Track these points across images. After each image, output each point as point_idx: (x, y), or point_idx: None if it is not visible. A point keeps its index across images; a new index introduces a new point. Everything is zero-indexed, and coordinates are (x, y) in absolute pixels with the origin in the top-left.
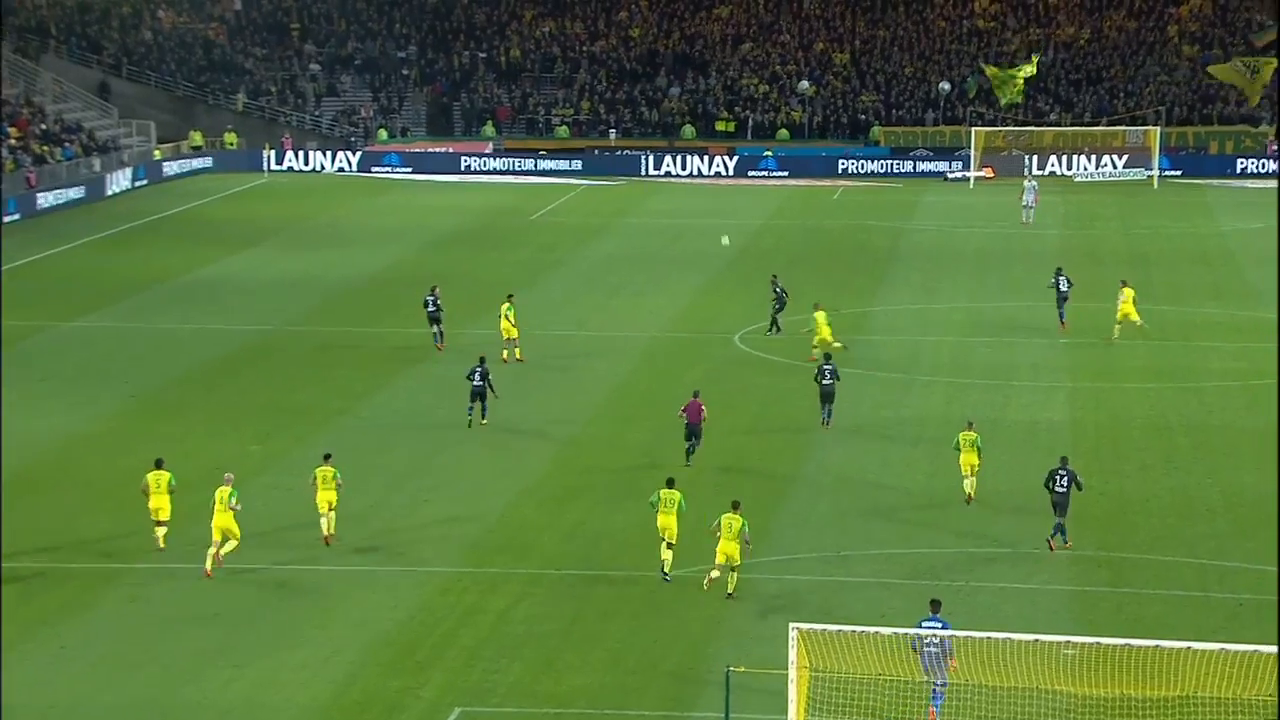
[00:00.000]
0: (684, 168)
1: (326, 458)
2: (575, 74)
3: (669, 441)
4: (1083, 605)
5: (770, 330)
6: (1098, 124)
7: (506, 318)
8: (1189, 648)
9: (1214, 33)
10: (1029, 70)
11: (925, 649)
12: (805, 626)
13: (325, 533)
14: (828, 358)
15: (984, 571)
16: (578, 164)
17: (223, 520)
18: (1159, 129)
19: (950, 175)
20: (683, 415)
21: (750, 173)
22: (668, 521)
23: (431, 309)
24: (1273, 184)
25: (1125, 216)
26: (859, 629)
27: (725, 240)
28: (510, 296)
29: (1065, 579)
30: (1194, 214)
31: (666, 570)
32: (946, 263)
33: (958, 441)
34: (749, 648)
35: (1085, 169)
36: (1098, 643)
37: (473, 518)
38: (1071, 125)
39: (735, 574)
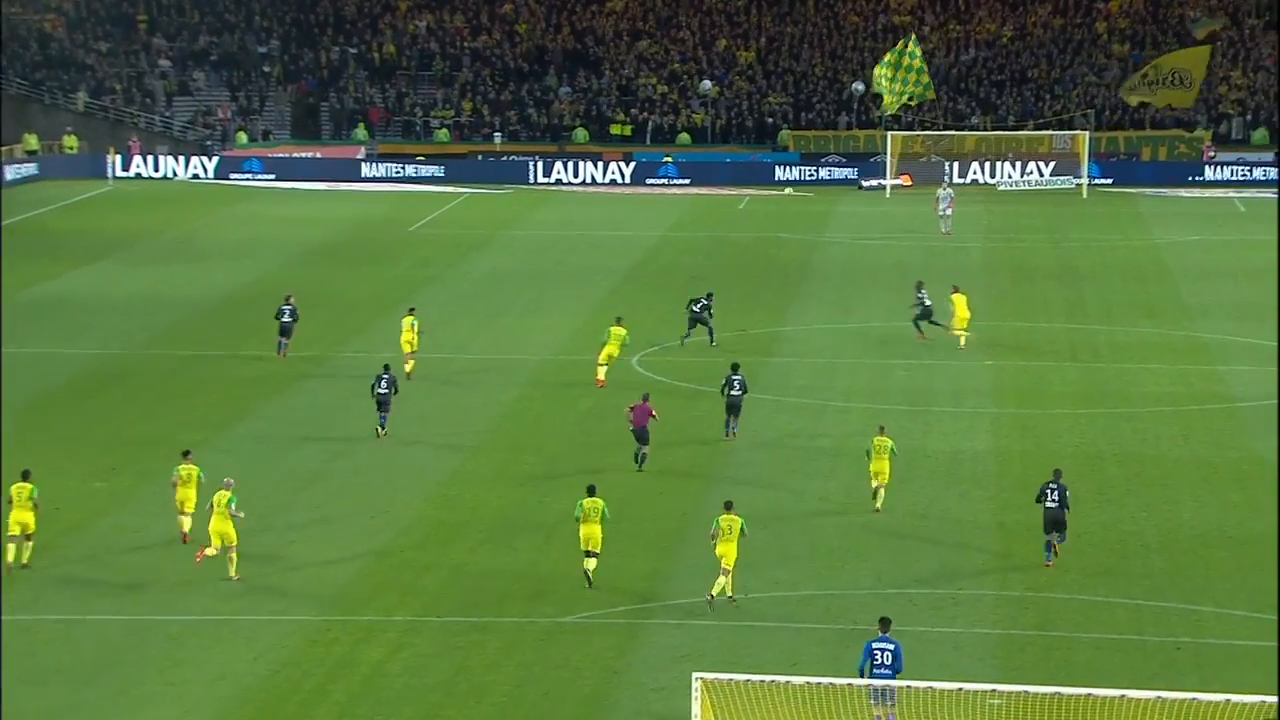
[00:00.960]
0: (576, 175)
1: (186, 454)
2: (456, 72)
3: (562, 473)
4: (1009, 650)
5: (706, 343)
6: (1023, 128)
7: (411, 329)
8: (1123, 696)
9: (1145, 30)
10: (909, 61)
11: (876, 672)
12: (709, 676)
13: (183, 530)
14: (735, 368)
15: (903, 614)
16: (459, 171)
17: (221, 525)
18: (1088, 134)
19: (865, 184)
20: (629, 416)
21: (649, 180)
22: (591, 531)
23: (287, 319)
24: (1210, 193)
25: (1053, 228)
26: (768, 679)
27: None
28: (412, 310)
29: (990, 622)
30: (1126, 226)
31: (591, 577)
32: (862, 278)
33: (870, 448)
34: (649, 700)
35: (1010, 177)
36: (1025, 691)
37: (344, 559)
38: (994, 129)
39: (731, 577)
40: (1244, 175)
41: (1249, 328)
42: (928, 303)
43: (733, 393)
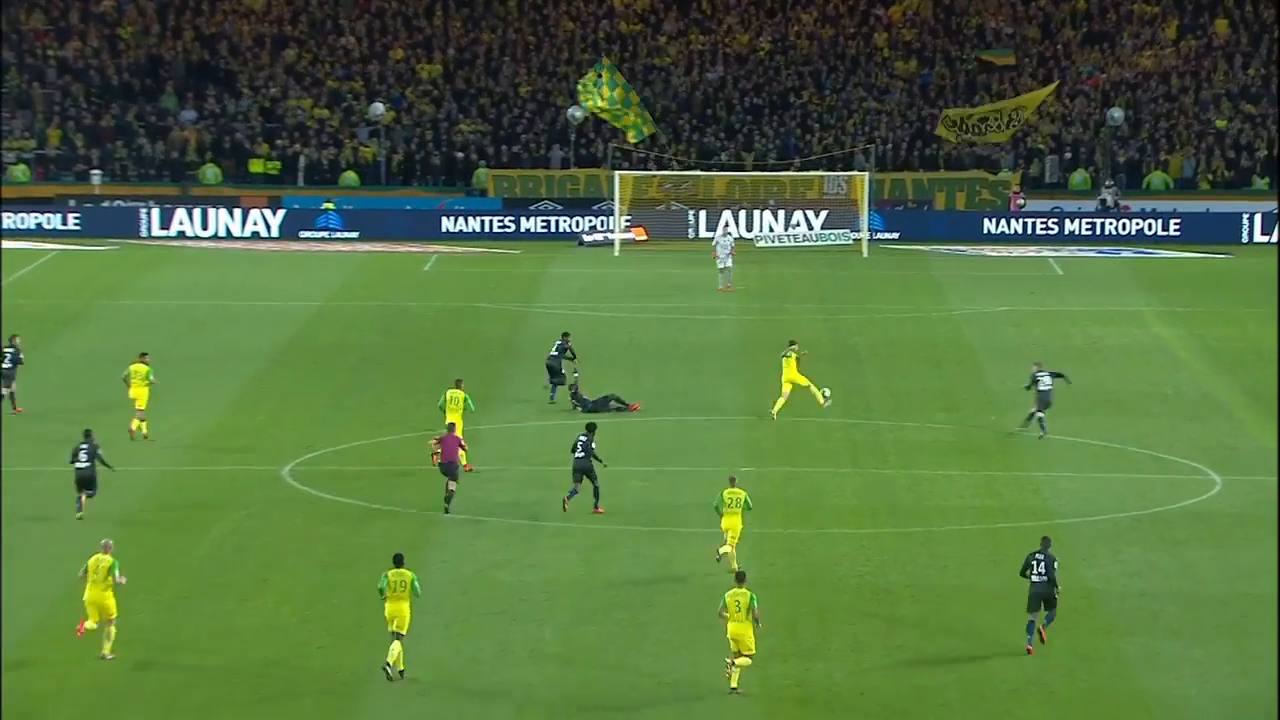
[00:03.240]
0: (205, 226)
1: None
2: (35, 89)
3: (182, 626)
4: None
5: (574, 406)
6: (786, 168)
7: (139, 379)
8: None
9: (936, 44)
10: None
11: None
12: None
13: None
14: (589, 428)
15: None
16: (46, 220)
17: (97, 595)
18: (868, 175)
19: (587, 238)
20: (435, 449)
21: (303, 233)
22: (398, 609)
23: (8, 364)
24: (1019, 251)
25: (826, 296)
26: None
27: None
28: (143, 355)
29: None
30: (917, 292)
31: (399, 668)
32: (583, 360)
33: (720, 501)
34: None
35: (770, 230)
36: None
37: None
38: (752, 170)
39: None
40: (1060, 229)
41: (1070, 423)
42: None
43: (578, 455)
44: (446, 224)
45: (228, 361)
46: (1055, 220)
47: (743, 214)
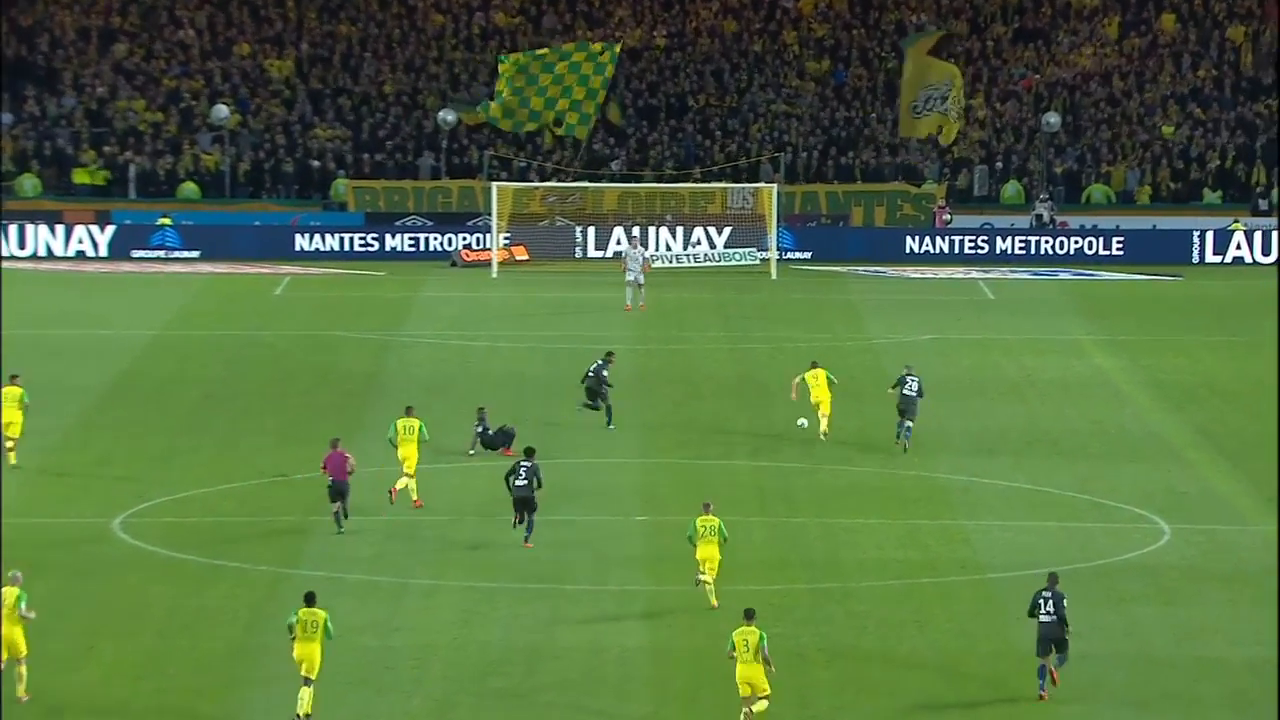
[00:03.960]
0: (22, 244)
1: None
2: None
3: None
4: None
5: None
6: (685, 179)
7: (12, 402)
8: None
9: (851, 40)
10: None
11: None
12: None
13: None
14: (529, 452)
15: None
16: None
17: (6, 631)
18: (776, 187)
19: (460, 260)
20: (325, 472)
21: (136, 253)
22: (308, 652)
23: None
24: (946, 272)
25: (730, 322)
26: None
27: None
28: (14, 377)
29: None
30: (832, 318)
31: (306, 712)
32: (460, 397)
33: (693, 530)
34: None
35: (668, 249)
36: None
37: None
38: (647, 182)
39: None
40: (991, 248)
41: (1002, 466)
42: (488, 428)
43: (519, 483)
44: (300, 242)
45: (49, 400)
46: (985, 238)
47: (637, 230)
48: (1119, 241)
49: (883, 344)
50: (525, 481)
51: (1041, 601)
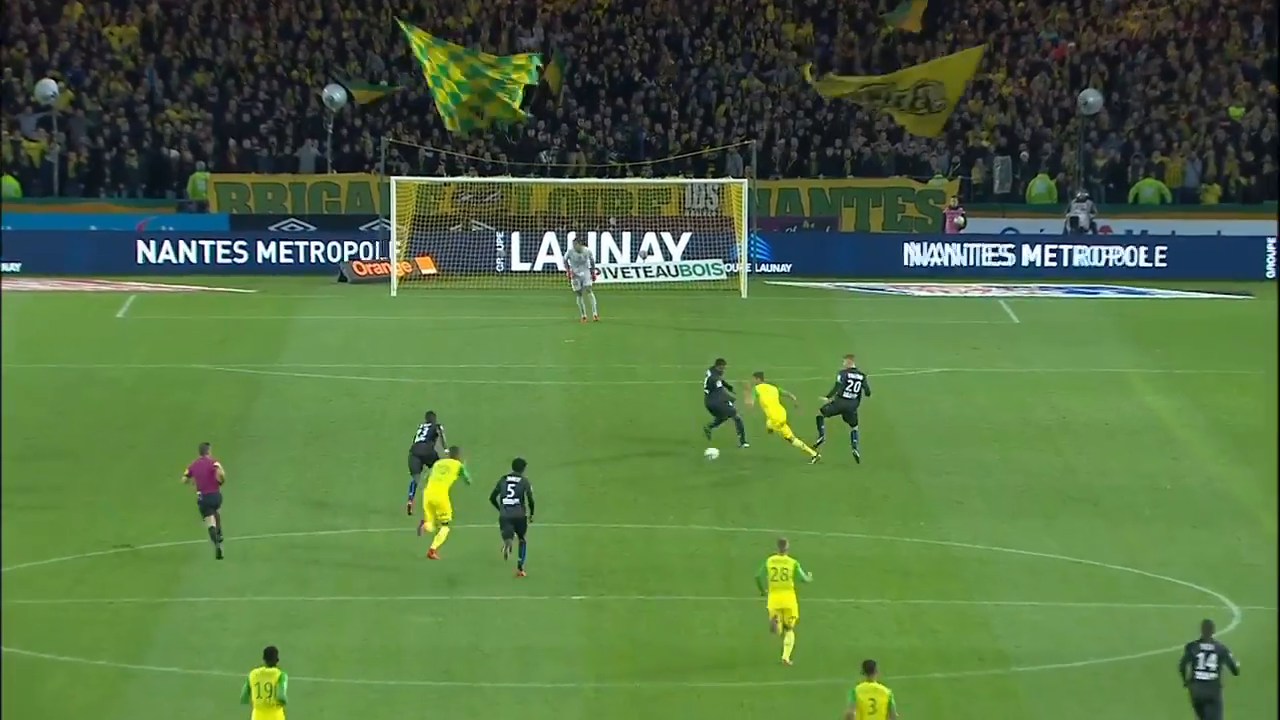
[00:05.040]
0: None
1: None
2: None
3: None
4: None
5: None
6: (635, 172)
7: None
8: None
9: (836, 4)
10: (521, 77)
11: None
12: None
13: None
14: (518, 465)
15: None
16: None
17: None
18: (746, 183)
19: (350, 274)
20: (189, 480)
21: None
22: (267, 717)
23: None
24: (958, 289)
25: (688, 353)
26: None
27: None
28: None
29: None
30: (816, 347)
31: None
32: (350, 445)
33: (762, 571)
34: None
35: (612, 260)
36: None
37: None
38: (585, 176)
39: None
40: (1015, 259)
41: (1029, 531)
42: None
43: (508, 500)
44: (147, 251)
45: None
46: (1008, 247)
47: (571, 237)
48: (1173, 251)
49: (879, 378)
50: (516, 500)
51: (1199, 656)
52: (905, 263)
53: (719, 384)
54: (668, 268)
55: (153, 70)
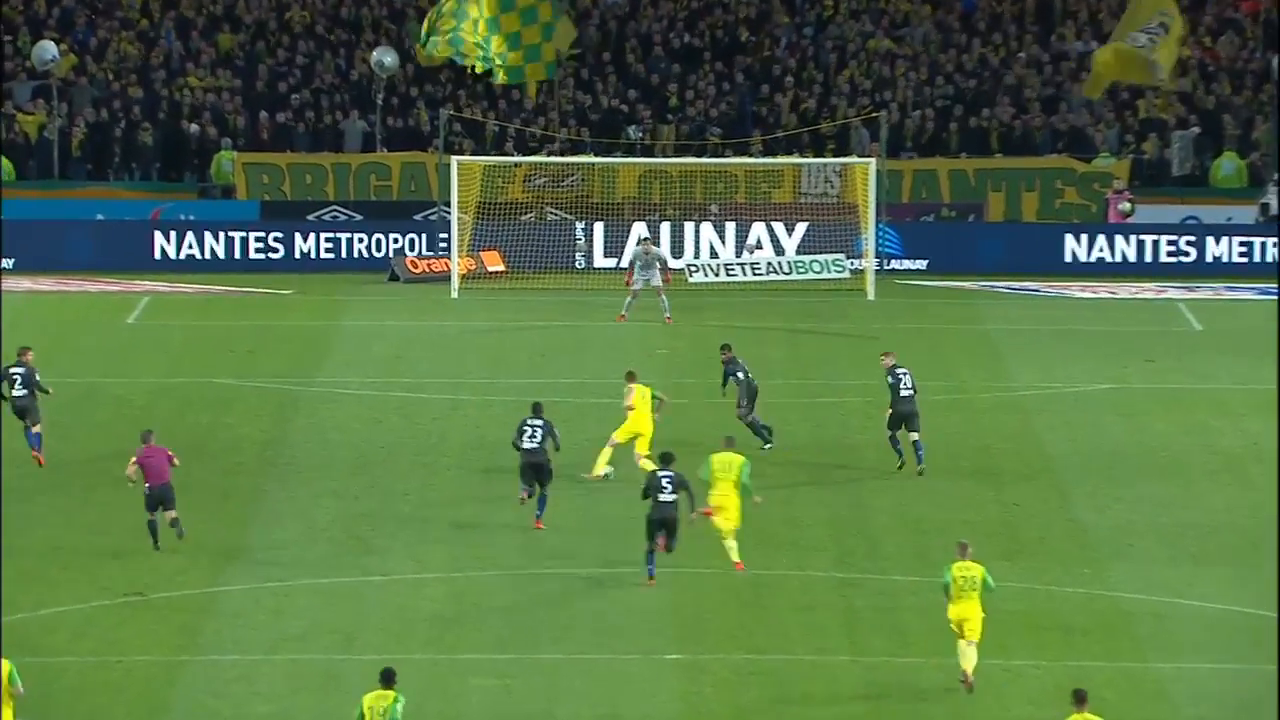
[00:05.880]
0: None
1: None
2: None
3: None
4: None
5: None
6: (741, 150)
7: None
8: None
9: None
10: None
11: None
12: None
13: None
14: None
15: None
16: None
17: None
18: (874, 164)
19: (403, 272)
20: (136, 474)
21: None
22: None
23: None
24: (1127, 289)
25: (807, 368)
26: None
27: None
28: None
29: None
30: (957, 360)
31: None
32: (398, 476)
33: (949, 579)
34: None
35: (712, 256)
36: None
37: None
38: (677, 154)
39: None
40: (1198, 254)
41: (1215, 580)
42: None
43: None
44: (164, 245)
45: None
46: (1189, 240)
47: (665, 228)
48: None
49: (1033, 397)
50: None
51: None
52: (1064, 258)
53: (739, 374)
54: (780, 264)
55: (170, 30)
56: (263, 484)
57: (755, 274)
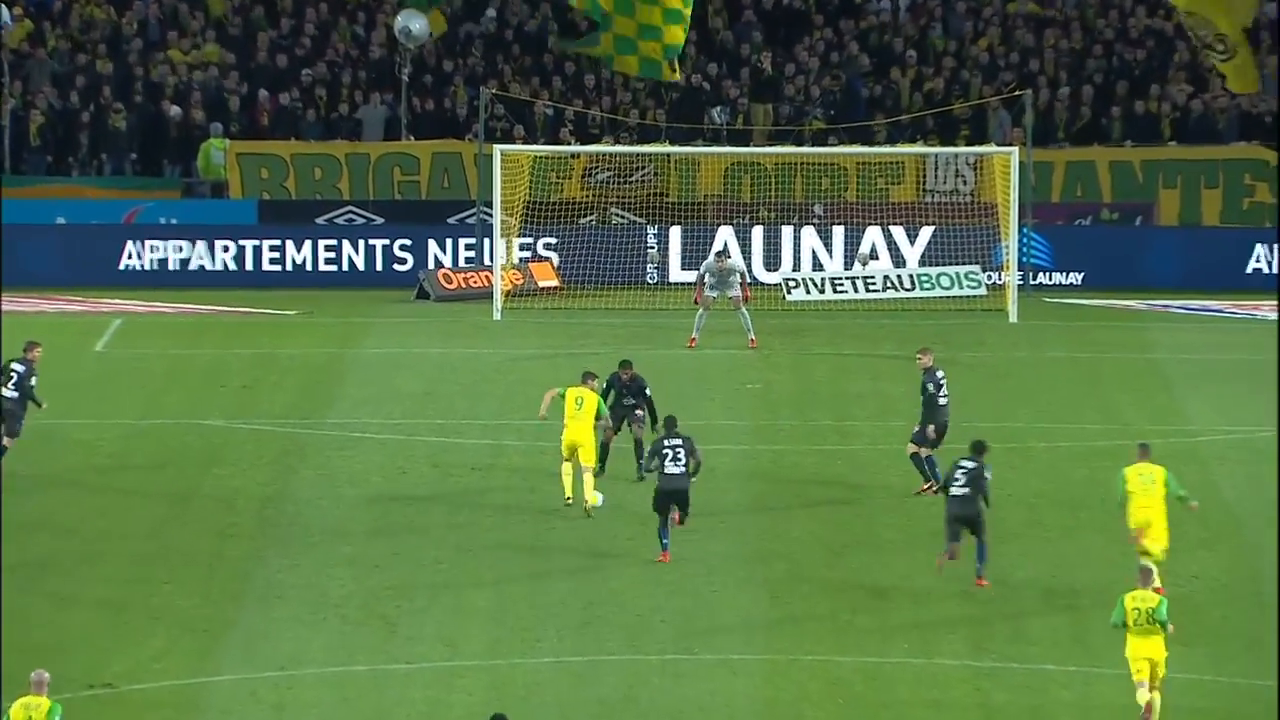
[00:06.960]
0: None
1: None
2: None
3: None
4: None
5: None
6: (852, 137)
7: None
8: None
9: None
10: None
11: None
12: None
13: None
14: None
15: None
16: None
17: None
18: (1016, 154)
19: (434, 287)
20: None
21: None
22: None
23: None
24: None
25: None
26: None
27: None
28: None
29: None
30: (1121, 396)
31: None
32: (429, 538)
33: (1120, 613)
34: None
35: (816, 267)
36: None
37: None
38: (772, 143)
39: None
40: None
41: None
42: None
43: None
44: (140, 255)
45: None
46: None
47: (757, 233)
48: None
49: (1212, 443)
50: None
51: None
52: (1251, 270)
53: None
54: (900, 278)
55: (158, 6)
56: (261, 549)
57: (869, 290)
